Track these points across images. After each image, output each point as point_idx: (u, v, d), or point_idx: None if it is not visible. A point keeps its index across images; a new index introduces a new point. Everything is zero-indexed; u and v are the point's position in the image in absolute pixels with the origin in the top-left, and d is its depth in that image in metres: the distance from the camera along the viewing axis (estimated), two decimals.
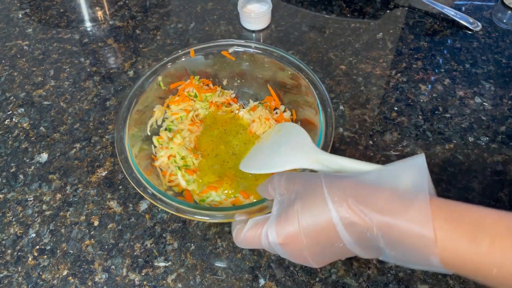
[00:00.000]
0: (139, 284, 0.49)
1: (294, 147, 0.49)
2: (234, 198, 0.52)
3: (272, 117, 0.59)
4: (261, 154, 0.54)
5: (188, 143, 0.57)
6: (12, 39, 0.78)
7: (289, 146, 0.50)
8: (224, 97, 0.63)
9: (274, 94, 0.62)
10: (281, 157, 0.49)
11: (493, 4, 0.80)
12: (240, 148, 0.57)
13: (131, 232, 0.53)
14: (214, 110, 0.61)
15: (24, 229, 0.54)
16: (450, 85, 0.67)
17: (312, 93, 0.55)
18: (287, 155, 0.49)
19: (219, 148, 0.57)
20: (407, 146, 0.60)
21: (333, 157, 0.43)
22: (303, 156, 0.46)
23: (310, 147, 0.47)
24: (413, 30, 0.76)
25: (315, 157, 0.44)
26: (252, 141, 0.58)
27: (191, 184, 0.54)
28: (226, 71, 0.63)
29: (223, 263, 0.50)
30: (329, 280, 0.48)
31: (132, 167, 0.49)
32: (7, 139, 0.64)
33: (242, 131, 0.59)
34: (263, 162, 0.52)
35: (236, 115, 0.61)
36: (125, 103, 0.54)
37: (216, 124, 0.60)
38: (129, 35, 0.78)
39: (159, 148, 0.57)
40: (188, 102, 0.61)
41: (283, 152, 0.50)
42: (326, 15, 0.80)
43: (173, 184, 0.54)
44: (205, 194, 0.53)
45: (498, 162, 0.58)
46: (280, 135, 0.54)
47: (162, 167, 0.55)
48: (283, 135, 0.54)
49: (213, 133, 0.59)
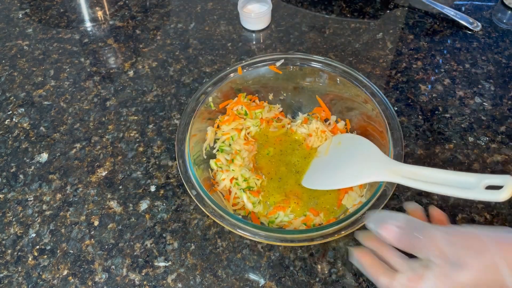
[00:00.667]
0: (139, 284, 0.49)
1: (363, 160, 0.47)
2: (304, 216, 0.51)
3: (328, 129, 0.58)
4: (324, 169, 0.52)
5: (247, 164, 0.55)
6: (12, 39, 0.78)
7: (356, 159, 0.48)
8: (273, 112, 0.61)
9: (324, 105, 0.60)
10: (351, 171, 0.47)
11: (493, 4, 0.80)
12: (301, 164, 0.56)
13: (131, 232, 0.53)
14: (265, 127, 0.60)
15: (24, 229, 0.54)
16: (450, 85, 0.67)
17: (371, 101, 0.53)
18: (357, 168, 0.46)
19: (280, 171, 0.56)
20: (407, 146, 0.60)
21: (419, 169, 0.40)
22: (378, 168, 0.43)
23: (383, 158, 0.44)
24: (413, 30, 0.76)
25: (393, 169, 0.42)
26: (312, 154, 0.57)
27: (257, 206, 0.52)
28: (272, 86, 0.62)
29: (223, 263, 0.50)
30: (329, 280, 0.48)
31: (209, 203, 0.47)
32: (7, 139, 0.64)
33: (298, 146, 0.58)
34: (328, 178, 0.49)
35: (289, 130, 0.59)
36: (181, 130, 0.53)
37: (269, 142, 0.58)
38: (129, 35, 0.78)
39: (218, 171, 0.55)
40: (238, 120, 0.59)
41: (350, 165, 0.48)
42: (326, 15, 0.80)
43: (237, 208, 0.53)
44: (273, 215, 0.52)
45: (498, 162, 0.58)
46: (341, 148, 0.52)
47: (223, 191, 0.54)
48: (345, 147, 0.51)
49: (268, 151, 0.58)
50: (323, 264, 0.49)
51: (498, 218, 0.52)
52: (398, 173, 0.42)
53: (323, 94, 0.61)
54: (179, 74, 0.71)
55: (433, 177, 0.40)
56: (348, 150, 0.51)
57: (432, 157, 0.58)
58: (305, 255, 0.50)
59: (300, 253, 0.50)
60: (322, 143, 0.57)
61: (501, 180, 0.36)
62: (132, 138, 0.62)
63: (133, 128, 0.64)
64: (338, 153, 0.52)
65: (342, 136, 0.54)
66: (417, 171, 0.41)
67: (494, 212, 0.53)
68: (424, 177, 0.40)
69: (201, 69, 0.71)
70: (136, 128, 0.64)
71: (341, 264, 0.49)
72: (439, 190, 0.39)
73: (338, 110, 0.60)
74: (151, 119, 0.65)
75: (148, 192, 0.57)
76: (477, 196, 0.37)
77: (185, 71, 0.71)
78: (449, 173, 0.39)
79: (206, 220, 0.54)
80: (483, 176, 0.38)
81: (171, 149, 0.61)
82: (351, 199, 0.51)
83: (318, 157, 0.56)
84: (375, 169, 0.44)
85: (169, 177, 0.58)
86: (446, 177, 0.39)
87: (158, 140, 0.62)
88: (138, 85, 0.69)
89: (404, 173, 0.42)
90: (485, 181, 0.37)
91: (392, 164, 0.43)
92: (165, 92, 0.68)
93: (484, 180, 0.37)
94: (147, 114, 0.65)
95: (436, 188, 0.39)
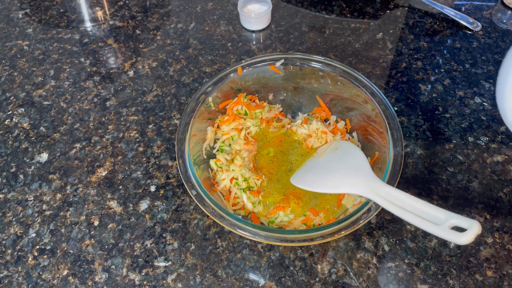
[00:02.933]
0: (139, 284, 0.49)
1: (350, 170, 0.47)
2: (304, 216, 0.51)
3: (328, 129, 0.58)
4: (313, 170, 0.52)
5: (247, 164, 0.55)
6: (12, 39, 0.78)
7: (345, 168, 0.48)
8: (273, 112, 0.61)
9: (324, 105, 0.60)
10: (336, 178, 0.47)
11: (493, 4, 0.80)
12: (300, 163, 0.56)
13: (131, 232, 0.53)
14: (266, 127, 0.60)
15: (24, 229, 0.54)
16: (450, 85, 0.67)
17: (371, 101, 0.54)
18: (343, 177, 0.47)
19: (280, 171, 0.56)
20: (407, 146, 0.60)
21: (395, 192, 0.41)
22: (360, 182, 0.44)
23: (368, 174, 0.45)
24: (413, 30, 0.76)
25: (372, 186, 0.43)
26: (311, 153, 0.57)
27: (257, 206, 0.53)
28: (272, 85, 0.62)
29: (223, 263, 0.50)
30: (329, 280, 0.48)
31: (209, 203, 0.47)
32: (7, 139, 0.64)
33: (298, 145, 0.58)
34: (316, 180, 0.50)
35: (289, 130, 0.59)
36: (181, 130, 0.53)
37: (270, 142, 0.58)
38: (129, 35, 0.78)
39: (217, 171, 0.55)
40: (238, 120, 0.59)
41: (338, 172, 0.48)
42: (326, 15, 0.80)
43: (237, 208, 0.53)
44: (273, 215, 0.52)
45: (498, 162, 0.58)
46: (336, 154, 0.52)
47: (223, 191, 0.54)
48: (339, 154, 0.52)
49: (269, 151, 0.57)
50: (323, 264, 0.49)
51: (498, 218, 0.52)
52: (376, 191, 0.43)
53: (323, 94, 0.61)
54: (179, 74, 0.71)
55: (407, 203, 0.40)
56: (341, 158, 0.51)
57: (432, 157, 0.58)
58: (305, 255, 0.50)
59: (300, 253, 0.50)
60: (322, 144, 0.57)
61: (467, 223, 0.37)
62: (132, 138, 0.62)
63: (133, 128, 0.64)
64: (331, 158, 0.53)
65: (340, 143, 0.55)
66: (394, 194, 0.41)
67: (494, 212, 0.53)
68: (399, 201, 0.41)
69: (201, 69, 0.71)
70: (136, 128, 0.64)
71: (341, 264, 0.49)
72: (409, 219, 0.40)
73: (338, 110, 0.60)
74: (151, 119, 0.65)
75: (148, 192, 0.57)
76: (441, 234, 0.38)
77: (185, 71, 0.71)
78: (422, 204, 0.40)
79: (206, 220, 0.54)
80: (452, 215, 0.38)
81: (171, 149, 0.61)
82: (351, 199, 0.51)
83: (314, 157, 0.56)
84: (357, 182, 0.45)
85: (169, 177, 0.58)
86: (419, 207, 0.40)
87: (158, 140, 0.62)
88: (138, 85, 0.70)
89: (382, 193, 0.42)
90: (453, 221, 0.38)
91: (374, 182, 0.44)
92: (165, 92, 0.68)
93: (452, 219, 0.38)
94: (147, 114, 0.65)
95: (407, 215, 0.40)
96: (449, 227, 0.38)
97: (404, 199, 0.41)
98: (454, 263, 0.49)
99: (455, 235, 0.37)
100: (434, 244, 0.50)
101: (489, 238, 0.51)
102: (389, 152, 0.49)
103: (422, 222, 0.39)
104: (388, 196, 0.41)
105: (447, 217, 0.38)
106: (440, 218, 0.39)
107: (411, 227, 0.52)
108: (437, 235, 0.38)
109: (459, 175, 0.56)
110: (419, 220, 0.39)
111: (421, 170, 0.57)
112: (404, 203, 0.41)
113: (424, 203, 0.40)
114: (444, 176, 0.56)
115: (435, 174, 0.56)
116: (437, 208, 0.39)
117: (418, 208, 0.40)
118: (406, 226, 0.52)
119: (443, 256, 0.49)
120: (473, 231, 0.36)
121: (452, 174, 0.56)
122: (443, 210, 0.39)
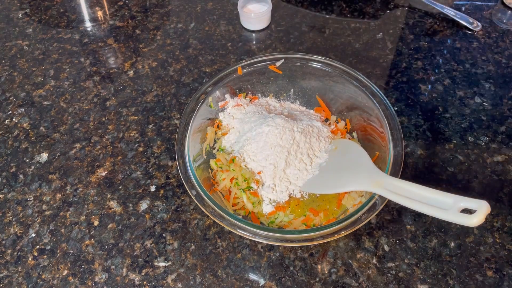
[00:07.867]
0: (139, 284, 0.49)
1: (352, 167, 0.47)
2: (304, 216, 0.51)
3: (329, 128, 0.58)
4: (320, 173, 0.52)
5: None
6: (12, 39, 0.78)
7: (347, 166, 0.48)
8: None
9: (324, 105, 0.60)
10: (341, 178, 0.48)
11: (493, 4, 0.80)
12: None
13: (131, 232, 0.53)
14: None
15: (24, 229, 0.54)
16: (450, 85, 0.67)
17: (371, 101, 0.54)
18: (345, 176, 0.47)
19: None
20: (407, 146, 0.60)
21: (400, 183, 0.41)
22: (363, 177, 0.44)
23: (370, 168, 0.45)
24: (413, 30, 0.76)
25: (378, 180, 0.43)
26: None
27: (257, 206, 0.52)
28: (273, 85, 0.62)
29: (223, 263, 0.50)
30: (329, 280, 0.48)
31: (209, 203, 0.47)
32: (7, 139, 0.64)
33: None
34: (323, 182, 0.50)
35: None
36: (181, 130, 0.53)
37: None
38: (129, 35, 0.78)
39: (217, 171, 0.55)
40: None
41: (342, 172, 0.48)
42: (326, 15, 0.80)
43: (237, 208, 0.53)
44: (273, 216, 0.52)
45: (498, 162, 0.58)
46: (336, 153, 0.52)
47: (223, 191, 0.53)
48: (340, 152, 0.52)
49: None
50: (323, 264, 0.49)
51: (498, 218, 0.52)
52: (381, 185, 0.43)
53: (323, 94, 0.61)
54: (179, 74, 0.71)
55: (413, 193, 0.40)
56: (342, 156, 0.52)
57: (432, 157, 0.58)
58: (305, 255, 0.50)
59: (300, 253, 0.50)
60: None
61: (476, 204, 0.37)
62: (132, 138, 0.62)
63: (133, 128, 0.64)
64: (332, 157, 0.53)
65: (338, 141, 0.55)
66: (399, 185, 0.41)
67: (494, 212, 0.53)
68: (405, 191, 0.41)
69: (201, 69, 0.71)
70: (136, 128, 0.64)
71: (341, 264, 0.49)
72: (417, 207, 0.40)
73: (338, 110, 0.60)
74: (151, 119, 0.65)
75: (148, 192, 0.57)
76: (451, 218, 0.38)
77: (185, 71, 0.71)
78: (429, 191, 0.40)
79: (206, 220, 0.54)
80: (460, 198, 0.38)
81: (171, 149, 0.61)
82: (351, 199, 0.51)
83: None
84: (360, 179, 0.45)
85: (169, 177, 0.58)
86: (426, 194, 0.40)
87: (158, 140, 0.62)
88: (138, 85, 0.69)
89: (387, 186, 0.42)
90: (461, 204, 0.38)
91: (378, 176, 0.44)
92: (165, 92, 0.68)
93: (460, 203, 0.38)
94: (147, 114, 0.65)
95: (415, 204, 0.40)
96: (458, 211, 0.38)
97: (410, 189, 0.40)
98: (454, 263, 0.49)
99: (465, 218, 0.37)
100: (434, 244, 0.50)
101: (489, 238, 0.51)
102: (389, 152, 0.49)
103: (431, 209, 0.39)
104: (394, 188, 0.41)
105: (455, 201, 0.38)
106: (448, 203, 0.39)
107: (411, 227, 0.52)
108: (448, 220, 0.38)
109: (459, 175, 0.56)
110: (427, 208, 0.39)
111: (421, 170, 0.57)
112: (411, 193, 0.40)
113: (430, 190, 0.40)
114: (444, 176, 0.56)
115: (435, 174, 0.56)
116: (444, 193, 0.39)
117: (425, 196, 0.40)
118: (406, 226, 0.52)
119: (443, 256, 0.49)
120: (482, 211, 0.36)
121: (452, 174, 0.56)
122: (450, 195, 0.39)
